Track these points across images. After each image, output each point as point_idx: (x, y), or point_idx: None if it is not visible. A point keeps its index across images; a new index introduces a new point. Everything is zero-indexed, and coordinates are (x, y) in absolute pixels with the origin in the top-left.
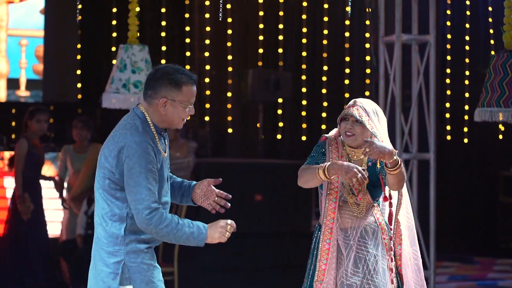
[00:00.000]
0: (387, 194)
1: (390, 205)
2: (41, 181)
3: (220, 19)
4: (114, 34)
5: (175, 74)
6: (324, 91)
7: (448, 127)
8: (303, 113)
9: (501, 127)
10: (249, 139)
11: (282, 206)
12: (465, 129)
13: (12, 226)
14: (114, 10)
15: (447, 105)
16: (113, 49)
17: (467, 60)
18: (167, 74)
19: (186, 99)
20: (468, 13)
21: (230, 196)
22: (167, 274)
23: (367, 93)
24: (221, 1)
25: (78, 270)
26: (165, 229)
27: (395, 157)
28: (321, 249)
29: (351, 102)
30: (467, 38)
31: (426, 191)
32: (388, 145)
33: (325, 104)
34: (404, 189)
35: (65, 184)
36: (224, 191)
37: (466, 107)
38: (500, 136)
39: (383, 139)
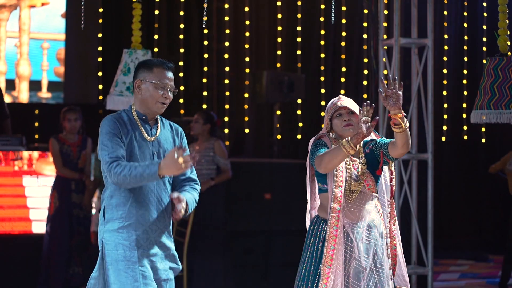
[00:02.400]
0: (392, 169)
1: (391, 180)
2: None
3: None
4: None
5: (149, 60)
6: (342, 92)
7: (465, 127)
8: (322, 114)
9: None
10: (265, 139)
11: (295, 204)
12: (483, 129)
13: (54, 224)
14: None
15: (464, 105)
16: None
17: (484, 61)
18: (143, 61)
19: (157, 79)
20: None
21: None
22: None
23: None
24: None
25: (91, 266)
26: (122, 174)
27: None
28: (329, 235)
29: (335, 99)
30: (484, 39)
31: (425, 191)
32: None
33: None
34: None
35: None
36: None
37: None
38: None
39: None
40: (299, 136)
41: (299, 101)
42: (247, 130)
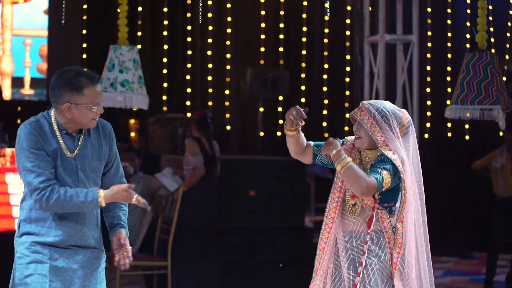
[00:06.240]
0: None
1: (373, 209)
2: None
3: (200, 22)
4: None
5: (75, 78)
6: (324, 89)
7: (449, 124)
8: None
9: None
10: (248, 136)
11: (278, 201)
12: (466, 126)
13: None
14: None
15: (448, 102)
16: None
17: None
18: (68, 79)
19: (90, 101)
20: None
21: (132, 259)
22: (161, 268)
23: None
24: (200, 5)
25: None
26: (56, 204)
27: (336, 156)
28: (318, 248)
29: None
30: None
31: None
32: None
33: (326, 101)
34: (411, 197)
35: None
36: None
37: None
38: (501, 133)
39: (388, 143)
40: (279, 133)
41: (280, 98)
42: (228, 127)
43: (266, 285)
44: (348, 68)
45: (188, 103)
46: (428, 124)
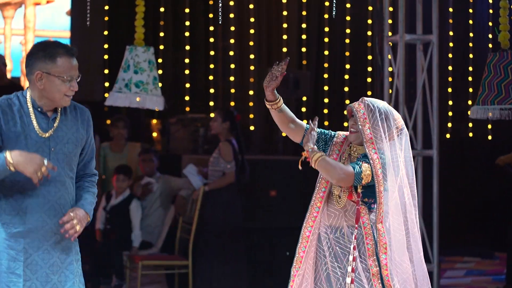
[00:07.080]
0: (359, 191)
1: (357, 203)
2: None
3: (220, 22)
4: None
5: (50, 47)
6: (346, 89)
7: (470, 125)
8: (325, 111)
9: None
10: (271, 137)
11: (300, 201)
12: (489, 126)
13: None
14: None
15: (469, 102)
16: None
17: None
18: (42, 48)
19: (62, 71)
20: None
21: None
22: (182, 268)
23: (390, 91)
24: (220, 5)
25: (96, 263)
26: None
27: (309, 153)
28: (302, 236)
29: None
30: None
31: (431, 187)
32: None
33: (347, 101)
34: (386, 198)
35: None
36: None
37: None
38: None
39: (374, 142)
40: None
41: (304, 98)
42: (252, 128)
43: (285, 283)
44: (369, 69)
45: (211, 103)
46: (449, 124)
